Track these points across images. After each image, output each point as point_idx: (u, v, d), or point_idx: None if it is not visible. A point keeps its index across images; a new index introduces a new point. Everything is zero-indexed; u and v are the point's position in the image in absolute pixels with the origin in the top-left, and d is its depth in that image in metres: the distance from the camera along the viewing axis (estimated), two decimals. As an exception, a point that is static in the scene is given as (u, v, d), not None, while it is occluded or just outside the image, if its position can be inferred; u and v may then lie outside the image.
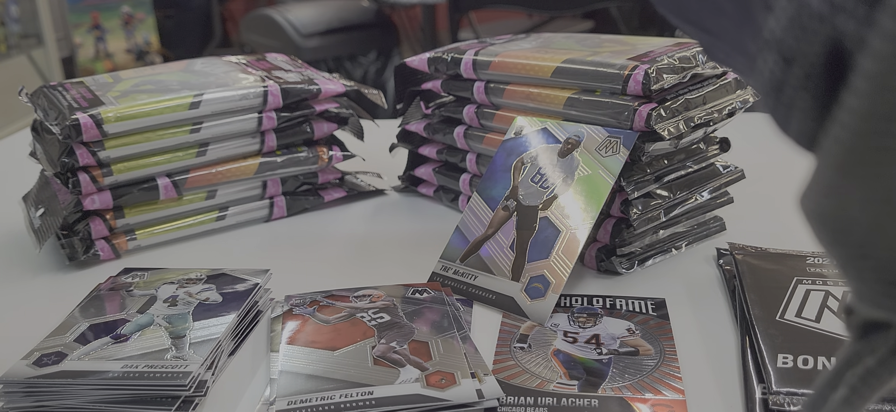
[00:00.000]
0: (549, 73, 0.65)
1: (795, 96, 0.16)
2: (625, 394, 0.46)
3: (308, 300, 0.57)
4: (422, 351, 0.49)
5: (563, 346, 0.51)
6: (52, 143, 0.69)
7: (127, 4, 3.38)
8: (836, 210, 0.16)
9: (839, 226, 0.16)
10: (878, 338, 0.18)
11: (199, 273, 0.60)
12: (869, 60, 0.14)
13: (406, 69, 0.77)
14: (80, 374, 0.46)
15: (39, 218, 0.70)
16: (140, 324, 0.52)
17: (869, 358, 0.18)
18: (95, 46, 3.36)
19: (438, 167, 0.78)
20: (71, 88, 0.73)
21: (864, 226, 0.16)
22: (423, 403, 0.44)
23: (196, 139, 0.71)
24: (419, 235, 0.73)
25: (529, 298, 0.56)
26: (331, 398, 0.44)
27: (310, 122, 0.76)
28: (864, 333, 0.18)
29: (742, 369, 0.48)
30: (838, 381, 0.19)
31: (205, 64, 0.80)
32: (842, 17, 0.14)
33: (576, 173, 0.60)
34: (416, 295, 0.57)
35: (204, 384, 0.47)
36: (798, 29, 0.15)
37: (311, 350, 0.50)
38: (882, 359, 0.18)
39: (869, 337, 0.18)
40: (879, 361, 0.18)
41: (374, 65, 2.72)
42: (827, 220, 0.16)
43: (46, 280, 0.66)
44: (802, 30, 0.15)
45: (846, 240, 0.16)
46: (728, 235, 0.68)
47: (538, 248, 0.58)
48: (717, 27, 0.20)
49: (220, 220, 0.75)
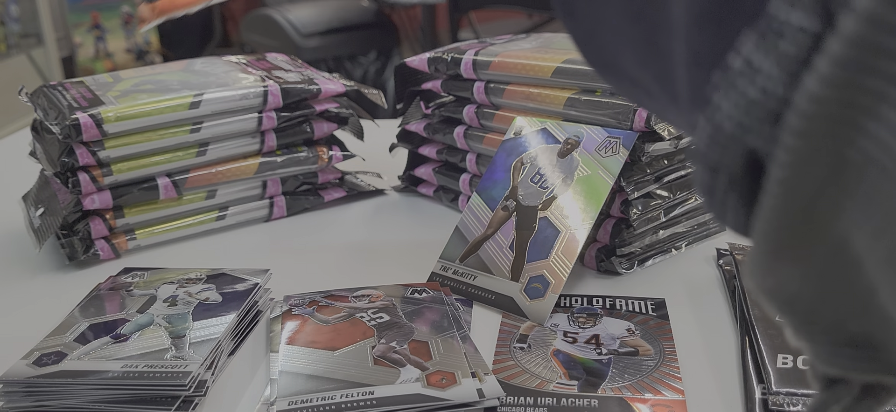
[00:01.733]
0: (549, 74, 0.65)
1: (725, 198, 0.18)
2: (624, 394, 0.46)
3: (307, 300, 0.57)
4: (422, 351, 0.49)
5: (563, 346, 0.51)
6: (51, 142, 0.69)
7: (127, 4, 3.38)
8: (778, 288, 0.18)
9: (784, 299, 0.18)
10: (842, 388, 0.19)
11: (199, 273, 0.60)
12: (776, 168, 0.16)
13: (406, 69, 0.77)
14: (79, 374, 0.46)
15: (39, 217, 0.70)
16: (140, 324, 0.52)
17: (834, 406, 0.19)
18: (95, 46, 3.36)
19: (438, 167, 0.78)
20: (71, 88, 0.73)
21: (807, 298, 0.17)
22: (424, 403, 0.44)
23: (196, 139, 0.71)
24: (419, 235, 0.73)
25: (529, 298, 0.56)
26: (332, 398, 0.44)
27: (310, 121, 0.76)
28: (828, 385, 0.19)
29: (742, 369, 0.48)
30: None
31: (205, 64, 0.80)
32: (750, 136, 0.16)
33: (575, 173, 0.60)
34: (415, 295, 0.57)
35: (204, 384, 0.47)
36: (717, 145, 0.17)
37: (310, 350, 0.50)
38: (846, 407, 0.19)
39: (833, 387, 0.19)
40: (844, 410, 0.19)
41: (374, 65, 2.72)
42: (772, 296, 0.18)
43: (46, 280, 0.66)
44: (721, 146, 0.17)
45: (793, 311, 0.18)
46: (728, 235, 0.68)
47: (537, 248, 0.58)
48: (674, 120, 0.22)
49: (219, 220, 0.75)
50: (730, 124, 0.16)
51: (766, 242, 0.17)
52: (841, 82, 0.14)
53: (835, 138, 0.14)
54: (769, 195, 0.16)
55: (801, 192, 0.15)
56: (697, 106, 0.17)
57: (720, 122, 0.16)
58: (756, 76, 0.15)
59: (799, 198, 0.16)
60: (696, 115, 0.18)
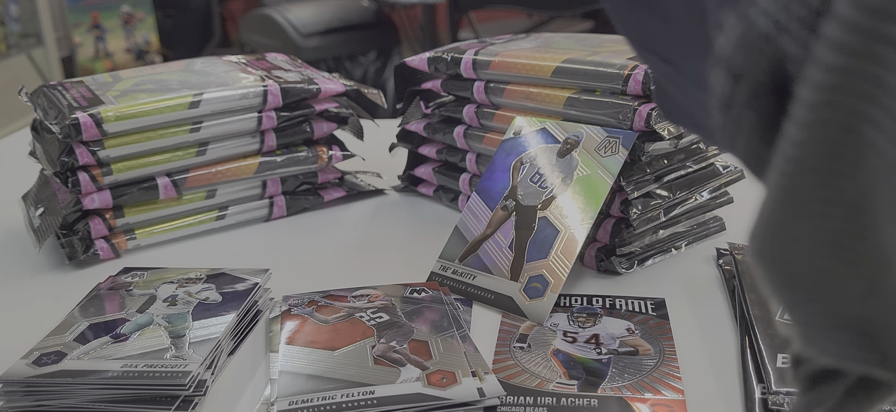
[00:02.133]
0: (549, 73, 0.65)
1: (742, 114, 0.16)
2: (624, 393, 0.46)
3: (306, 300, 0.57)
4: (422, 350, 0.49)
5: (563, 346, 0.51)
6: (51, 142, 0.69)
7: (127, 4, 3.38)
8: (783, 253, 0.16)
9: (786, 269, 0.16)
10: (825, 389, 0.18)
11: (199, 272, 0.60)
12: (807, 89, 0.14)
13: (406, 69, 0.77)
14: (79, 374, 0.46)
15: (39, 217, 0.70)
16: (139, 324, 0.52)
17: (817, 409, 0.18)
18: (95, 46, 3.36)
19: (438, 167, 0.78)
20: (71, 88, 0.73)
21: (812, 270, 0.16)
22: (424, 402, 0.44)
23: (196, 138, 0.71)
24: (419, 235, 0.73)
25: (528, 298, 0.56)
26: (332, 398, 0.44)
27: (309, 121, 0.76)
28: (811, 386, 0.18)
29: (742, 369, 0.48)
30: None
31: (205, 63, 0.80)
32: (786, 38, 0.14)
33: (575, 173, 0.60)
34: (414, 294, 0.57)
35: (203, 383, 0.47)
36: (745, 47, 0.15)
37: (310, 350, 0.50)
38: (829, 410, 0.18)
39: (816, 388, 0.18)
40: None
41: (374, 64, 2.72)
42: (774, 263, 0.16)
43: (46, 279, 0.66)
44: (749, 48, 0.15)
45: (794, 284, 0.16)
46: (728, 235, 0.68)
47: (537, 248, 0.58)
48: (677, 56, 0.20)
49: (219, 220, 0.75)
50: (765, 21, 0.14)
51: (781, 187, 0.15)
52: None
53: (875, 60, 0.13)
54: (794, 121, 0.14)
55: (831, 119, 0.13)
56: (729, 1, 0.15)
57: (754, 18, 0.15)
58: None
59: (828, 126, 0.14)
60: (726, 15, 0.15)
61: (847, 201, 0.14)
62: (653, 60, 0.22)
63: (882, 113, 0.13)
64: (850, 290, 0.16)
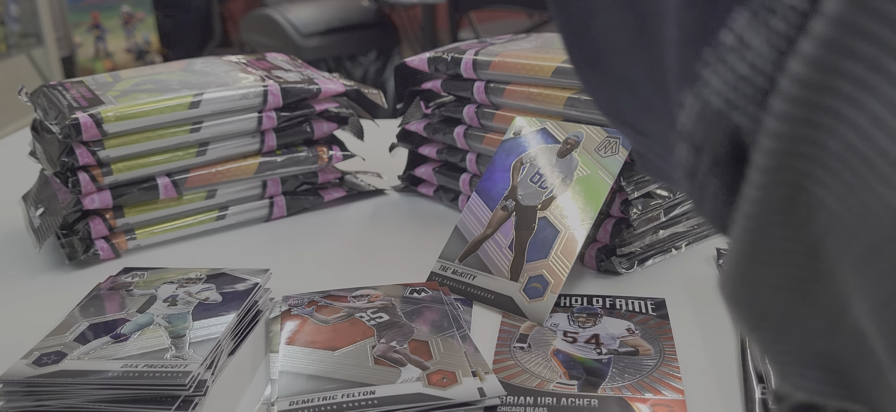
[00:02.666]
0: (549, 73, 0.65)
1: (706, 181, 0.17)
2: (624, 393, 0.46)
3: (306, 300, 0.57)
4: (422, 350, 0.49)
5: (563, 346, 0.51)
6: (51, 142, 0.69)
7: (127, 4, 3.38)
8: (750, 296, 0.17)
9: (754, 312, 0.18)
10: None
11: (199, 272, 0.60)
12: (759, 155, 0.15)
13: (406, 69, 0.77)
14: (79, 374, 0.46)
15: (39, 217, 0.70)
16: (140, 324, 0.52)
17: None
18: (95, 46, 3.36)
19: (438, 167, 0.78)
20: (71, 88, 0.73)
21: (777, 312, 0.17)
22: (425, 402, 0.44)
23: (196, 139, 0.71)
24: (419, 235, 0.73)
25: (528, 298, 0.56)
26: (333, 398, 0.44)
27: (310, 121, 0.76)
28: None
29: (742, 369, 0.48)
30: None
31: (205, 63, 0.80)
32: (736, 113, 0.16)
33: (575, 173, 0.60)
34: (414, 294, 0.57)
35: (204, 384, 0.47)
36: (703, 123, 0.17)
37: (310, 350, 0.50)
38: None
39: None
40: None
41: (374, 64, 2.72)
42: (743, 307, 0.18)
43: (46, 279, 0.66)
44: (706, 124, 0.16)
45: (763, 325, 0.18)
46: (728, 235, 0.68)
47: (537, 248, 0.58)
48: (649, 128, 0.22)
49: (219, 220, 0.75)
50: (718, 100, 0.16)
51: (743, 241, 0.16)
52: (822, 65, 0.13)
53: (815, 126, 0.14)
54: (751, 184, 0.16)
55: (782, 180, 0.15)
56: (686, 84, 0.17)
57: (708, 97, 0.16)
58: (746, 52, 0.15)
59: (780, 186, 0.15)
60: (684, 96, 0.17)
61: (802, 250, 0.16)
62: (628, 132, 0.23)
63: (824, 172, 0.14)
64: (814, 329, 0.17)
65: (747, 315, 0.18)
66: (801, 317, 0.17)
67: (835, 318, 0.16)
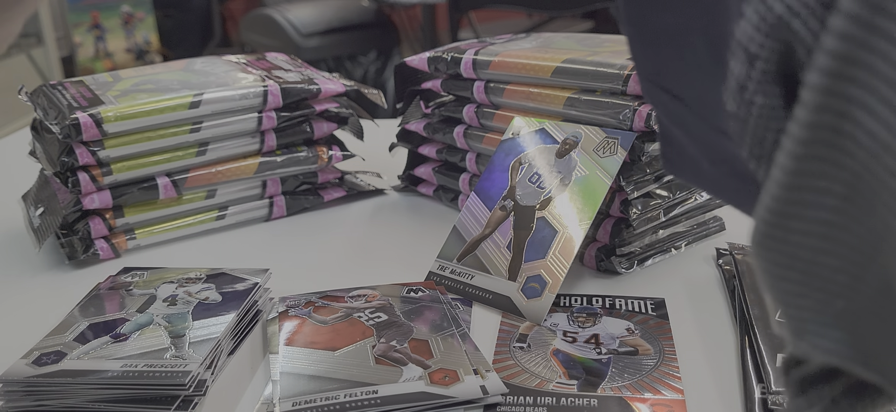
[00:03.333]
0: (549, 73, 0.65)
1: (755, 94, 0.17)
2: (624, 393, 0.46)
3: (303, 301, 0.57)
4: (422, 349, 0.49)
5: (563, 346, 0.51)
6: (51, 142, 0.69)
7: (127, 4, 3.38)
8: (780, 242, 0.17)
9: (782, 260, 0.17)
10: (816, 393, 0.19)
11: (199, 272, 0.60)
12: (814, 74, 0.15)
13: (406, 69, 0.77)
14: (79, 374, 0.46)
15: (39, 217, 0.70)
16: (139, 324, 0.52)
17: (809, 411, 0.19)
18: (95, 46, 3.36)
19: (438, 167, 0.78)
20: (71, 87, 0.73)
21: (804, 262, 0.17)
22: (428, 400, 0.44)
23: (196, 139, 0.71)
24: (419, 235, 0.73)
25: (526, 298, 0.56)
26: (335, 398, 0.44)
27: (310, 121, 0.76)
28: (802, 390, 0.19)
29: (741, 369, 0.48)
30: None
31: (205, 63, 0.80)
32: (797, 22, 0.16)
33: (573, 174, 0.60)
34: (411, 294, 0.57)
35: (203, 383, 0.47)
36: (762, 30, 0.17)
37: (311, 351, 0.50)
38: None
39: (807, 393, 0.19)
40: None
41: (374, 64, 2.72)
42: (771, 253, 0.18)
43: (46, 279, 0.66)
44: (765, 31, 0.17)
45: (788, 276, 0.18)
46: (728, 235, 0.68)
47: (535, 248, 0.58)
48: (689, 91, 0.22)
49: (219, 220, 0.75)
50: (780, 6, 0.16)
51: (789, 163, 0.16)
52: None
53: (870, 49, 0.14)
54: (803, 104, 0.16)
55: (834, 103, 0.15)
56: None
57: (771, 3, 0.16)
58: None
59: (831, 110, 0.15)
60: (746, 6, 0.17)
61: (840, 190, 0.16)
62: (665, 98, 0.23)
63: (876, 99, 0.14)
64: (838, 283, 0.17)
65: (774, 262, 0.18)
66: (826, 268, 0.17)
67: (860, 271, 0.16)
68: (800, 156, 0.16)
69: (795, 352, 0.19)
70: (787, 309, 0.18)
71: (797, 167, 0.16)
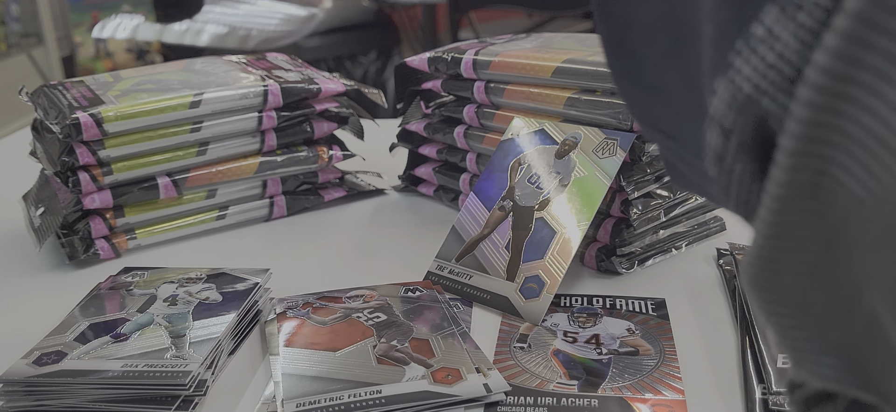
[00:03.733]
0: (549, 73, 0.65)
1: (733, 165, 0.19)
2: (624, 394, 0.46)
3: (301, 302, 0.57)
4: (424, 348, 0.49)
5: (563, 346, 0.51)
6: (52, 142, 0.69)
7: (127, 4, 3.38)
8: (771, 282, 0.18)
9: (774, 298, 0.18)
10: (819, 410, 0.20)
11: (199, 272, 0.60)
12: (786, 139, 0.16)
13: (406, 69, 0.77)
14: (79, 374, 0.46)
15: (39, 217, 0.70)
16: (140, 324, 0.52)
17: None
18: (95, 45, 3.36)
19: (438, 167, 0.78)
20: (71, 87, 0.73)
21: (796, 299, 0.18)
22: (432, 399, 0.44)
23: (196, 138, 0.71)
24: (419, 235, 0.73)
25: (524, 298, 0.56)
26: (340, 398, 0.44)
27: (310, 121, 0.76)
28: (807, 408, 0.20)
29: (742, 369, 0.48)
30: None
31: (205, 63, 0.80)
32: (766, 99, 0.17)
33: (572, 175, 0.60)
34: (409, 293, 0.57)
35: (204, 383, 0.47)
36: (733, 108, 0.18)
37: (311, 352, 0.50)
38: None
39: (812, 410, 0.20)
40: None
41: (375, 64, 2.72)
42: (763, 292, 0.19)
43: (46, 279, 0.66)
44: (736, 108, 0.18)
45: (781, 312, 0.19)
46: (728, 235, 0.68)
47: (533, 249, 0.58)
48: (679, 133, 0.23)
49: (220, 220, 0.75)
50: (748, 86, 0.17)
51: (767, 222, 0.17)
52: (844, 57, 0.14)
53: (838, 113, 0.15)
54: (778, 166, 0.16)
55: (807, 163, 0.16)
56: (720, 72, 0.18)
57: (739, 83, 0.17)
58: (775, 43, 0.16)
59: (805, 170, 0.16)
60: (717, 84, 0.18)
61: (823, 236, 0.17)
62: (660, 138, 0.25)
63: (846, 157, 0.15)
64: (830, 317, 0.18)
65: (767, 300, 0.19)
66: (817, 305, 0.18)
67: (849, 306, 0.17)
68: (779, 210, 0.17)
69: (795, 379, 0.20)
70: (784, 340, 0.19)
71: (777, 220, 0.17)
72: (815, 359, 0.19)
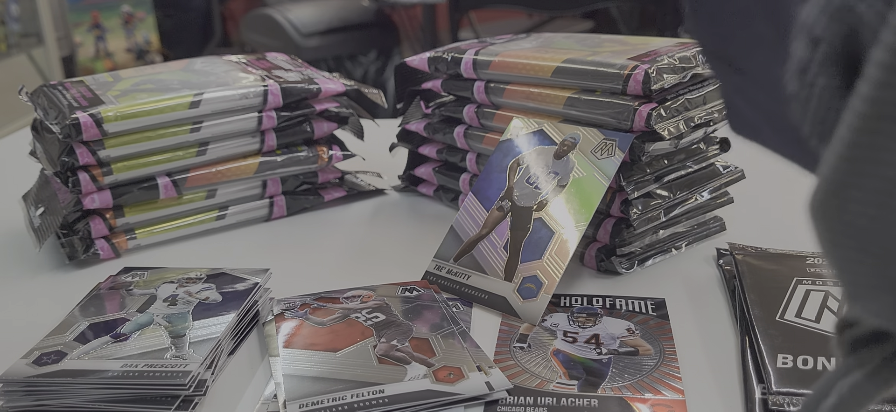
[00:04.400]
0: (549, 73, 0.65)
1: (816, 78, 0.18)
2: (624, 394, 0.46)
3: (299, 303, 0.57)
4: (424, 348, 0.49)
5: (563, 346, 0.51)
6: (52, 142, 0.69)
7: (127, 3, 3.38)
8: (839, 209, 0.17)
9: (839, 227, 0.18)
10: (866, 352, 0.19)
11: (199, 272, 0.60)
12: (880, 50, 0.15)
13: (406, 69, 0.77)
14: (79, 373, 0.46)
15: (39, 217, 0.70)
16: (140, 324, 0.52)
17: (858, 371, 0.20)
18: (95, 45, 3.36)
19: (438, 167, 0.78)
20: (71, 87, 0.73)
21: (862, 230, 0.17)
22: (435, 398, 0.44)
23: (196, 138, 0.71)
24: (419, 235, 0.73)
25: (522, 299, 0.56)
26: (343, 398, 0.44)
27: (310, 121, 0.76)
28: (853, 350, 0.20)
29: (742, 369, 0.48)
30: (829, 389, 0.21)
31: (205, 63, 0.80)
32: (862, 5, 0.16)
33: (571, 175, 0.60)
34: (407, 293, 0.57)
35: (203, 383, 0.47)
36: (826, 12, 0.17)
37: (312, 352, 0.50)
38: (870, 372, 0.20)
39: (858, 352, 0.20)
40: (867, 374, 0.20)
41: (375, 64, 2.72)
42: (829, 221, 0.18)
43: (46, 279, 0.66)
44: (829, 14, 0.17)
45: (845, 242, 0.18)
46: (728, 235, 0.68)
47: (531, 249, 0.58)
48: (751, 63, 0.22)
49: (219, 220, 0.75)
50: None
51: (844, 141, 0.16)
52: None
53: None
54: (867, 80, 0.16)
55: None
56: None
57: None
58: None
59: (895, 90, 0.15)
60: None
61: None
62: (725, 71, 0.24)
63: None
64: (891, 253, 0.17)
65: (830, 229, 0.18)
66: (883, 238, 0.17)
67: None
68: (860, 129, 0.16)
69: (849, 316, 0.19)
70: (842, 274, 0.18)
71: (857, 139, 0.16)
72: (874, 295, 0.18)
